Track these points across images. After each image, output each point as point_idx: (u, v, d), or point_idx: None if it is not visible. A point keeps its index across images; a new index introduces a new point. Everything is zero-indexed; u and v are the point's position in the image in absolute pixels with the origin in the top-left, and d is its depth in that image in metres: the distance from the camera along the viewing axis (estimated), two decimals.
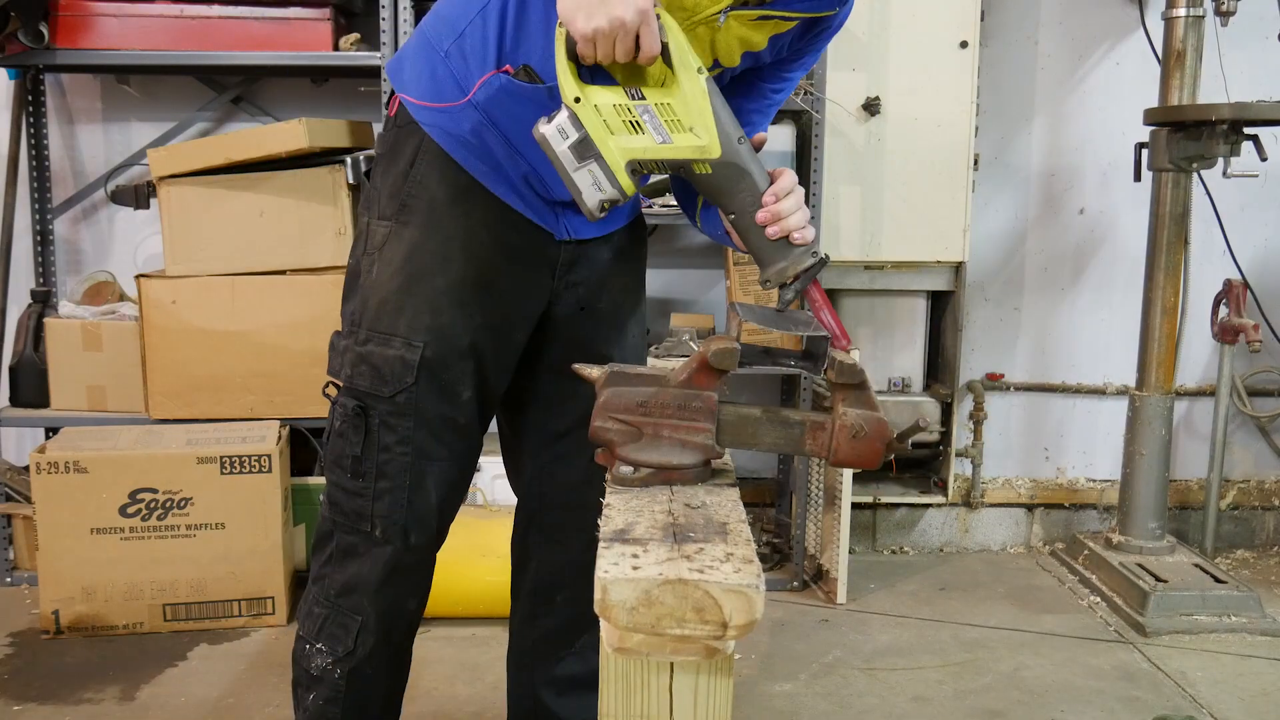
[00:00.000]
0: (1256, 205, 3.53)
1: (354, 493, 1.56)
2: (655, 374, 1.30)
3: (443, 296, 1.52)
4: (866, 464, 1.28)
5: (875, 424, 1.26)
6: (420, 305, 1.52)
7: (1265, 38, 3.34)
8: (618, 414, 1.27)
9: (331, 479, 1.59)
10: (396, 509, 1.55)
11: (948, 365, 3.39)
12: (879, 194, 3.24)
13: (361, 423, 1.53)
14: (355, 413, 1.53)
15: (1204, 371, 3.61)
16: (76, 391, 3.02)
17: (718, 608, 0.96)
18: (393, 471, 1.54)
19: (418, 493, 1.56)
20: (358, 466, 1.54)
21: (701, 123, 1.37)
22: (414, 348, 1.51)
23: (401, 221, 1.53)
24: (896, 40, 3.17)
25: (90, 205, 3.35)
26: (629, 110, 1.36)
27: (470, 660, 2.63)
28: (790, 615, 3.01)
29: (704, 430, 1.27)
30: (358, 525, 1.56)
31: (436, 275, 1.52)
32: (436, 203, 1.53)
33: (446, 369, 1.53)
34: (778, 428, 1.29)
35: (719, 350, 1.25)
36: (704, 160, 1.38)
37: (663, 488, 1.27)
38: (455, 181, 1.52)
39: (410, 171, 1.53)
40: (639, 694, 1.03)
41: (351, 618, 1.59)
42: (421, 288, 1.52)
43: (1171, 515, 3.45)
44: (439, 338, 1.52)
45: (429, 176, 1.53)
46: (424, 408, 1.53)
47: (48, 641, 2.74)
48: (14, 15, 2.82)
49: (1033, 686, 2.60)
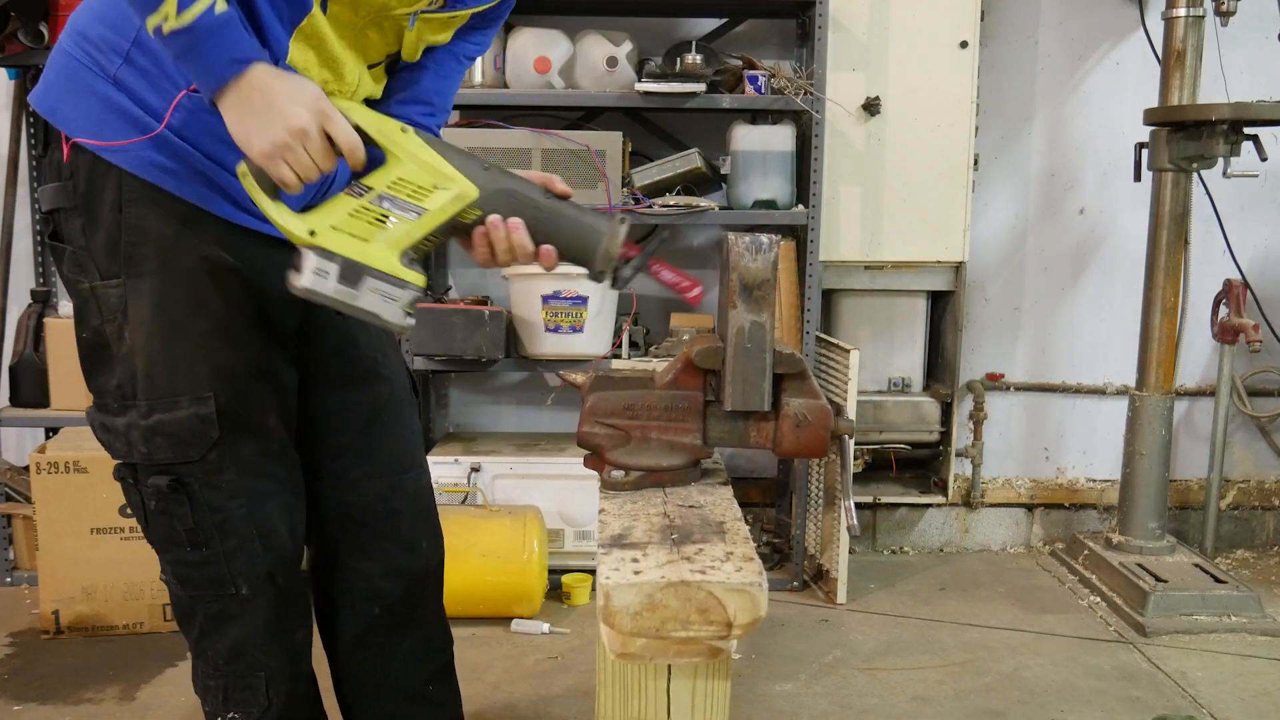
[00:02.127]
0: (1256, 205, 3.53)
1: (201, 563, 1.46)
2: (640, 376, 1.29)
3: (210, 337, 1.42)
4: (812, 452, 1.26)
5: (818, 412, 1.25)
6: (192, 354, 1.41)
7: (1265, 38, 3.34)
8: (604, 418, 1.27)
9: (169, 558, 1.48)
10: (254, 560, 1.47)
11: (948, 365, 3.39)
12: (879, 194, 3.24)
13: (182, 494, 1.42)
14: (171, 488, 1.42)
15: (1204, 371, 3.61)
16: (76, 391, 3.01)
17: (721, 608, 0.96)
18: (235, 527, 1.45)
19: (267, 536, 1.49)
20: (195, 537, 1.45)
21: (442, 176, 1.29)
22: (204, 401, 1.41)
23: (134, 275, 1.39)
24: (896, 40, 3.17)
25: None
26: (366, 209, 1.28)
27: (470, 660, 2.63)
28: (790, 615, 3.01)
29: (692, 431, 1.27)
30: (220, 592, 1.48)
31: (196, 317, 1.41)
32: (164, 241, 1.39)
33: (245, 407, 1.45)
34: (722, 422, 1.28)
35: (703, 350, 1.24)
36: (468, 205, 1.30)
37: (655, 490, 1.27)
38: (173, 211, 1.39)
39: (121, 218, 1.38)
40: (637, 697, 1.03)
41: (254, 675, 1.52)
42: (184, 335, 1.41)
43: (1171, 515, 3.45)
44: (224, 380, 1.43)
45: (144, 217, 1.39)
46: (239, 453, 1.44)
47: (48, 641, 2.74)
48: (14, 15, 2.82)
49: (1033, 686, 2.60)
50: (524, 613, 2.84)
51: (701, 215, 3.00)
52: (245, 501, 1.46)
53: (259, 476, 1.48)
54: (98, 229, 1.40)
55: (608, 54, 3.01)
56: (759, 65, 3.08)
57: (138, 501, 1.47)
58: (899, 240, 3.26)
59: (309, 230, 1.26)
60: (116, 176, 1.38)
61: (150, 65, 1.36)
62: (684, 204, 2.98)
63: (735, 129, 3.07)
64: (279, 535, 1.51)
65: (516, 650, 2.71)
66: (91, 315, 1.43)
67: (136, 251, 1.39)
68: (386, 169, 1.29)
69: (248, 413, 1.46)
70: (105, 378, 1.45)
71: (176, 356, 1.41)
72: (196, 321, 1.41)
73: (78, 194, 1.40)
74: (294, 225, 1.26)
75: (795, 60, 3.30)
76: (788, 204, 3.09)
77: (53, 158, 1.44)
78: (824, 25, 2.97)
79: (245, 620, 1.49)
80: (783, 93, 3.00)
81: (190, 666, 1.58)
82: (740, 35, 3.39)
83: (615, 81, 3.02)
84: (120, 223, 1.39)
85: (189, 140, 1.38)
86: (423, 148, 1.29)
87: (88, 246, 1.41)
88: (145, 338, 1.40)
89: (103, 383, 1.45)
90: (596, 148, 2.97)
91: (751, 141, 3.05)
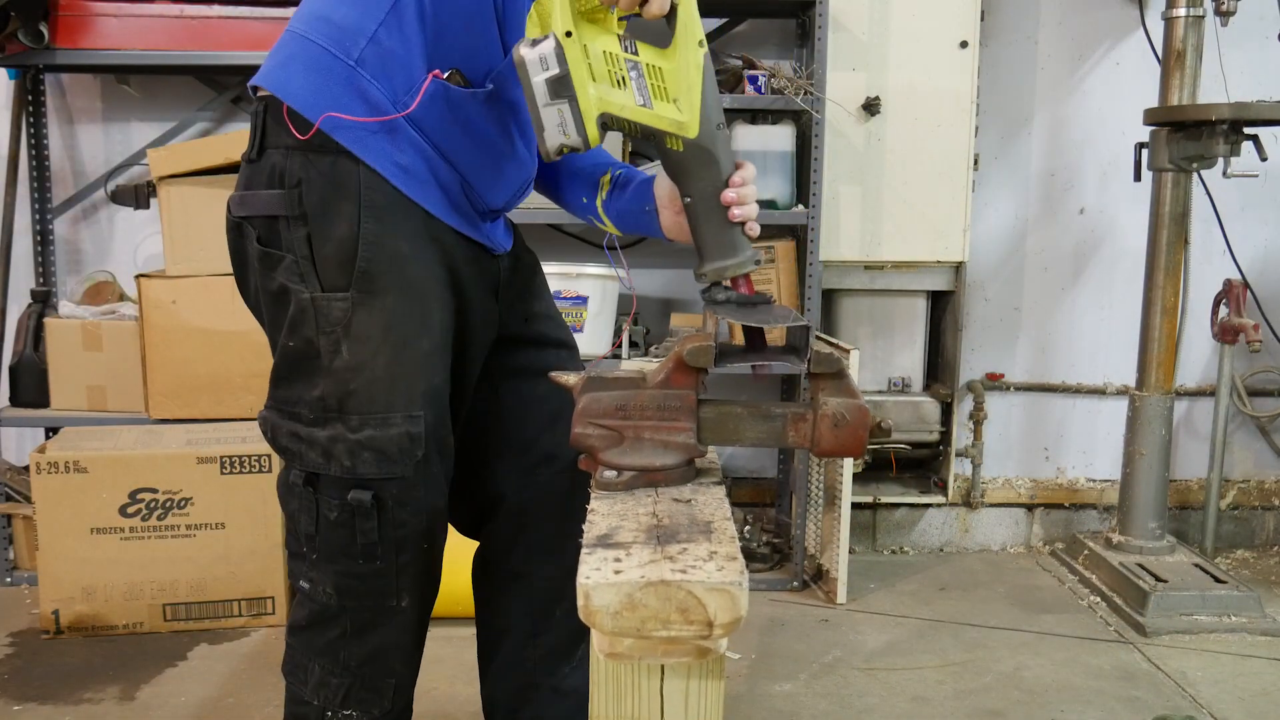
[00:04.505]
0: (1256, 205, 3.53)
1: (372, 575, 1.45)
2: (633, 376, 1.29)
3: (429, 357, 1.43)
4: (851, 452, 1.26)
5: (856, 411, 1.25)
6: (413, 375, 1.41)
7: (1265, 38, 3.34)
8: (597, 419, 1.27)
9: (335, 569, 1.45)
10: (420, 576, 1.48)
11: (948, 365, 3.39)
12: (879, 194, 3.24)
13: (374, 509, 1.42)
14: (370, 504, 1.41)
15: (1204, 371, 3.61)
16: (76, 391, 3.02)
17: (701, 607, 0.95)
18: (411, 542, 1.45)
19: (433, 550, 1.50)
20: (372, 551, 1.43)
21: (687, 98, 1.29)
22: (416, 419, 1.41)
23: (366, 291, 1.38)
24: (896, 40, 3.17)
25: (90, 205, 3.35)
26: (618, 61, 1.28)
27: (471, 660, 2.61)
28: (790, 615, 3.01)
29: (685, 430, 1.27)
30: (380, 603, 1.47)
31: (421, 338, 1.42)
32: (400, 260, 1.39)
33: (443, 427, 1.47)
34: (760, 422, 1.28)
35: (694, 349, 1.24)
36: (678, 136, 1.30)
37: (648, 490, 1.26)
38: (409, 227, 1.40)
39: (359, 232, 1.37)
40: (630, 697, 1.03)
41: (384, 681, 1.51)
42: (409, 356, 1.41)
43: (1171, 515, 3.45)
44: (434, 401, 1.43)
45: (383, 232, 1.38)
46: (430, 471, 1.45)
47: (48, 641, 2.74)
48: (14, 15, 2.82)
49: (1033, 686, 2.60)
50: None
51: None
52: (425, 518, 1.46)
53: (439, 494, 1.48)
54: (328, 241, 1.37)
55: None
56: (759, 65, 3.08)
57: (311, 511, 1.44)
58: (899, 240, 3.26)
59: (568, 31, 1.26)
60: (356, 184, 1.36)
61: (398, 47, 1.35)
62: None
63: (735, 129, 3.08)
64: (440, 548, 1.52)
65: None
66: (306, 325, 1.40)
67: (371, 268, 1.38)
68: (661, 53, 1.29)
69: (443, 431, 1.47)
70: (304, 388, 1.42)
71: (397, 375, 1.40)
72: (420, 341, 1.41)
73: (306, 203, 1.37)
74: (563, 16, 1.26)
75: (795, 60, 3.30)
76: (788, 204, 3.09)
77: (268, 161, 1.41)
78: (824, 25, 2.97)
79: (392, 629, 1.49)
80: (783, 93, 3.00)
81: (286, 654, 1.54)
82: (740, 35, 3.39)
83: None
84: (357, 238, 1.37)
85: (424, 132, 1.38)
86: (698, 67, 1.29)
87: (313, 257, 1.38)
88: (370, 354, 1.39)
89: (299, 392, 1.42)
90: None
91: (751, 141, 3.06)
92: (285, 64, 1.40)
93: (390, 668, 1.51)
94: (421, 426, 1.41)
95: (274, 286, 1.42)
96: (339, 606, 1.47)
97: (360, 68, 1.36)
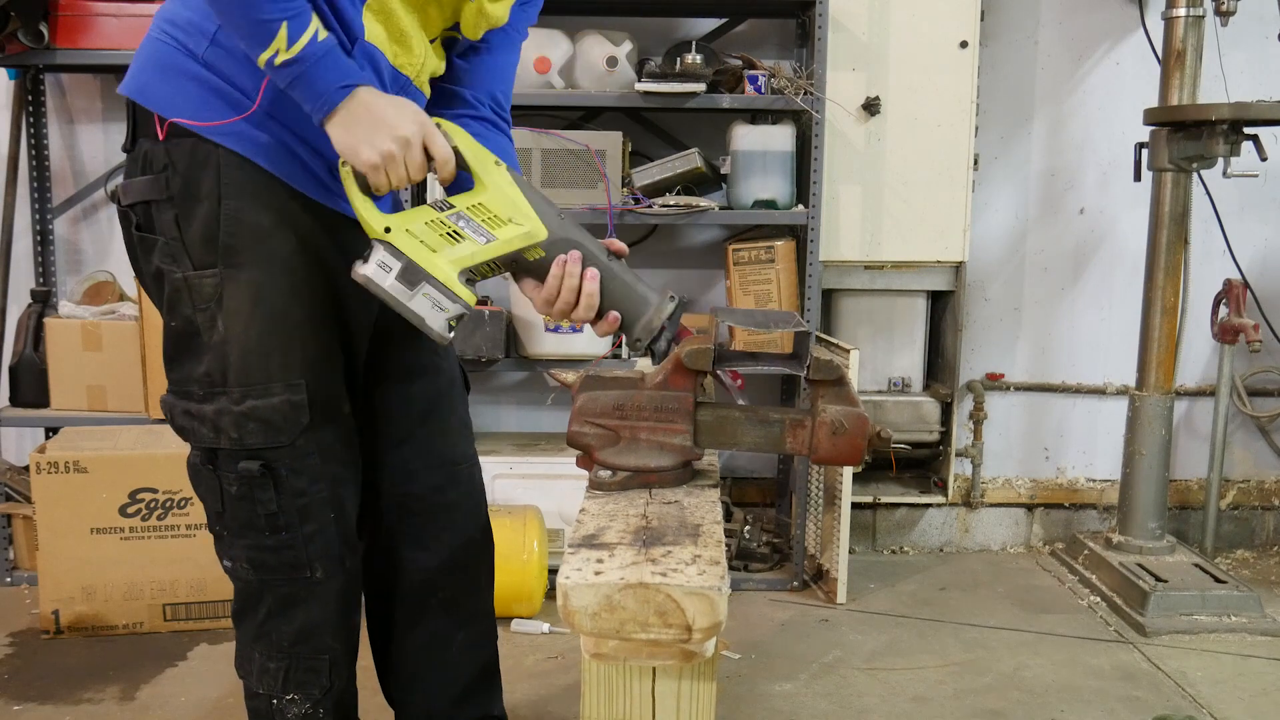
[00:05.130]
0: (1256, 205, 3.53)
1: (280, 546, 1.49)
2: (631, 377, 1.29)
3: (303, 326, 1.47)
4: (848, 460, 1.27)
5: (855, 420, 1.25)
6: (287, 344, 1.45)
7: (1265, 38, 3.34)
8: (594, 418, 1.27)
9: (245, 543, 1.50)
10: (330, 544, 1.51)
11: (948, 365, 3.39)
12: (879, 194, 3.24)
13: (268, 479, 1.46)
14: (260, 473, 1.45)
15: (1204, 371, 3.61)
16: (76, 391, 3.02)
17: (680, 611, 0.95)
18: (315, 511, 1.49)
19: (341, 519, 1.53)
20: (275, 522, 1.48)
21: (519, 212, 1.35)
22: (296, 387, 1.45)
23: (231, 265, 1.43)
24: (896, 40, 3.17)
25: (90, 205, 3.35)
26: (443, 223, 1.34)
27: None
28: (790, 615, 3.01)
29: (681, 432, 1.26)
30: (295, 575, 1.51)
31: (291, 307, 1.46)
32: (261, 232, 1.43)
33: (329, 395, 1.50)
34: (758, 427, 1.28)
35: (692, 351, 1.24)
36: (534, 245, 1.36)
37: (641, 491, 1.26)
38: (269, 201, 1.44)
39: (220, 209, 1.42)
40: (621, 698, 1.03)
41: (319, 659, 1.54)
42: (281, 326, 1.45)
43: (1171, 515, 3.45)
44: (313, 368, 1.48)
45: (243, 208, 1.43)
46: (322, 439, 1.49)
47: (48, 641, 2.74)
48: (14, 15, 2.82)
49: (1033, 686, 2.60)
50: (524, 612, 2.84)
51: (701, 215, 3.00)
52: (325, 486, 1.50)
53: (337, 462, 1.52)
54: (193, 220, 1.42)
55: (608, 54, 3.01)
56: (759, 65, 3.08)
57: (214, 488, 1.49)
58: (899, 240, 3.26)
59: (385, 227, 1.33)
60: (215, 164, 1.41)
61: (236, 45, 1.38)
62: (684, 204, 2.98)
63: (735, 129, 3.07)
64: (349, 519, 1.55)
65: (516, 650, 2.71)
66: (183, 304, 1.45)
67: (235, 243, 1.42)
68: (472, 193, 1.36)
69: (331, 400, 1.51)
70: (192, 366, 1.47)
71: (271, 345, 1.44)
72: (291, 311, 1.45)
73: (172, 186, 1.42)
74: (374, 219, 1.34)
75: (795, 60, 3.30)
76: (788, 204, 3.09)
77: (140, 149, 1.45)
78: (824, 25, 2.96)
79: (315, 604, 1.52)
80: (783, 93, 2.99)
81: (236, 650, 1.58)
82: (740, 35, 3.39)
83: (615, 81, 3.02)
84: (219, 214, 1.42)
85: (279, 119, 1.42)
86: (509, 183, 1.36)
87: (181, 238, 1.43)
88: (242, 327, 1.43)
89: (188, 371, 1.48)
90: (596, 147, 2.97)
91: (751, 141, 3.05)
92: (143, 68, 1.46)
93: (323, 643, 1.54)
94: (303, 394, 1.45)
95: (152, 269, 1.48)
96: (259, 582, 1.51)
97: (208, 68, 1.41)
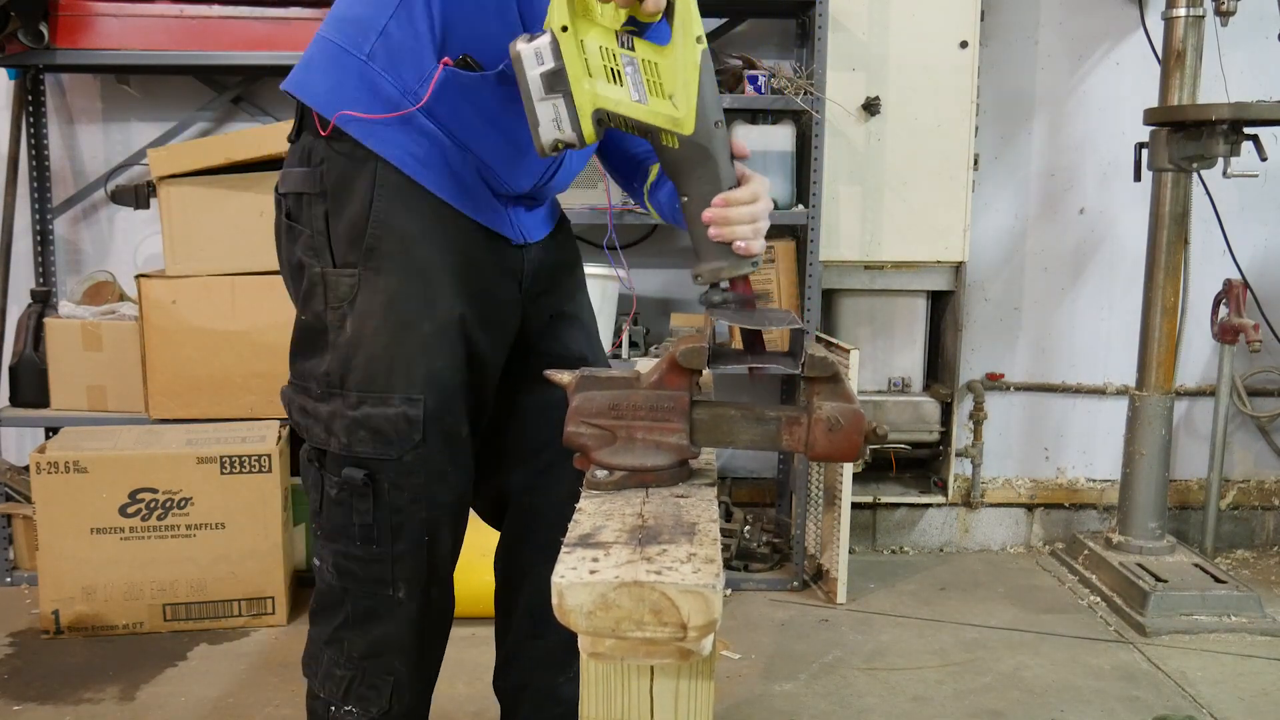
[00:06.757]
0: (1256, 205, 3.53)
1: (369, 559, 1.46)
2: (626, 376, 1.29)
3: (433, 341, 1.43)
4: (845, 456, 1.26)
5: (851, 416, 1.25)
6: (412, 356, 1.42)
7: (1265, 38, 3.34)
8: (590, 418, 1.26)
9: (335, 548, 1.48)
10: (418, 569, 1.48)
11: (948, 365, 3.39)
12: (879, 194, 3.24)
13: (369, 490, 1.43)
14: (363, 482, 1.42)
15: (1204, 371, 3.61)
16: (76, 391, 3.02)
17: (675, 609, 0.94)
18: (409, 531, 1.45)
19: (435, 546, 1.49)
20: (369, 534, 1.45)
21: (684, 94, 1.28)
22: (415, 403, 1.41)
23: (371, 268, 1.41)
24: (896, 40, 3.17)
25: (90, 205, 3.35)
26: (614, 57, 1.27)
27: (470, 660, 2.63)
28: (790, 615, 3.01)
29: (677, 430, 1.26)
30: (377, 590, 1.47)
31: (423, 320, 1.42)
32: (408, 240, 1.41)
33: (448, 414, 1.46)
34: (754, 425, 1.28)
35: (687, 350, 1.24)
36: (673, 133, 1.29)
37: (638, 490, 1.26)
38: (420, 210, 1.42)
39: (370, 211, 1.40)
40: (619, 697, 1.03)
41: (382, 679, 1.51)
42: (410, 337, 1.42)
43: (1171, 515, 3.45)
44: (437, 386, 1.43)
45: (393, 212, 1.41)
46: (432, 459, 1.44)
47: (48, 641, 2.74)
48: (14, 15, 2.82)
49: (1033, 686, 2.60)
50: None
51: None
52: (425, 508, 1.46)
53: (444, 486, 1.47)
54: (343, 218, 1.41)
55: None
56: (759, 65, 3.08)
57: (317, 486, 1.48)
58: (899, 240, 3.26)
59: (564, 25, 1.26)
60: (373, 165, 1.40)
61: (407, 39, 1.38)
62: None
63: (735, 129, 3.08)
64: (445, 547, 1.51)
65: None
66: (317, 300, 1.44)
67: (379, 245, 1.41)
68: (659, 49, 1.29)
69: (450, 420, 1.46)
70: (315, 363, 1.46)
71: (396, 355, 1.41)
72: (423, 325, 1.42)
73: (326, 181, 1.42)
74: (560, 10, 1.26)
75: (795, 60, 3.30)
76: (787, 204, 3.09)
77: (302, 142, 1.45)
78: (824, 25, 2.97)
79: (392, 623, 1.49)
80: (783, 93, 3.00)
81: (306, 647, 1.57)
82: (740, 35, 3.39)
83: None
84: (368, 216, 1.40)
85: (439, 122, 1.41)
86: (694, 64, 1.28)
87: (327, 233, 1.43)
88: (371, 331, 1.41)
89: (310, 367, 1.46)
90: None
91: (751, 141, 3.05)
92: (306, 65, 1.45)
93: (389, 664, 1.51)
94: (420, 410, 1.42)
95: (294, 260, 1.47)
96: (340, 589, 1.49)
97: (371, 62, 1.39)
